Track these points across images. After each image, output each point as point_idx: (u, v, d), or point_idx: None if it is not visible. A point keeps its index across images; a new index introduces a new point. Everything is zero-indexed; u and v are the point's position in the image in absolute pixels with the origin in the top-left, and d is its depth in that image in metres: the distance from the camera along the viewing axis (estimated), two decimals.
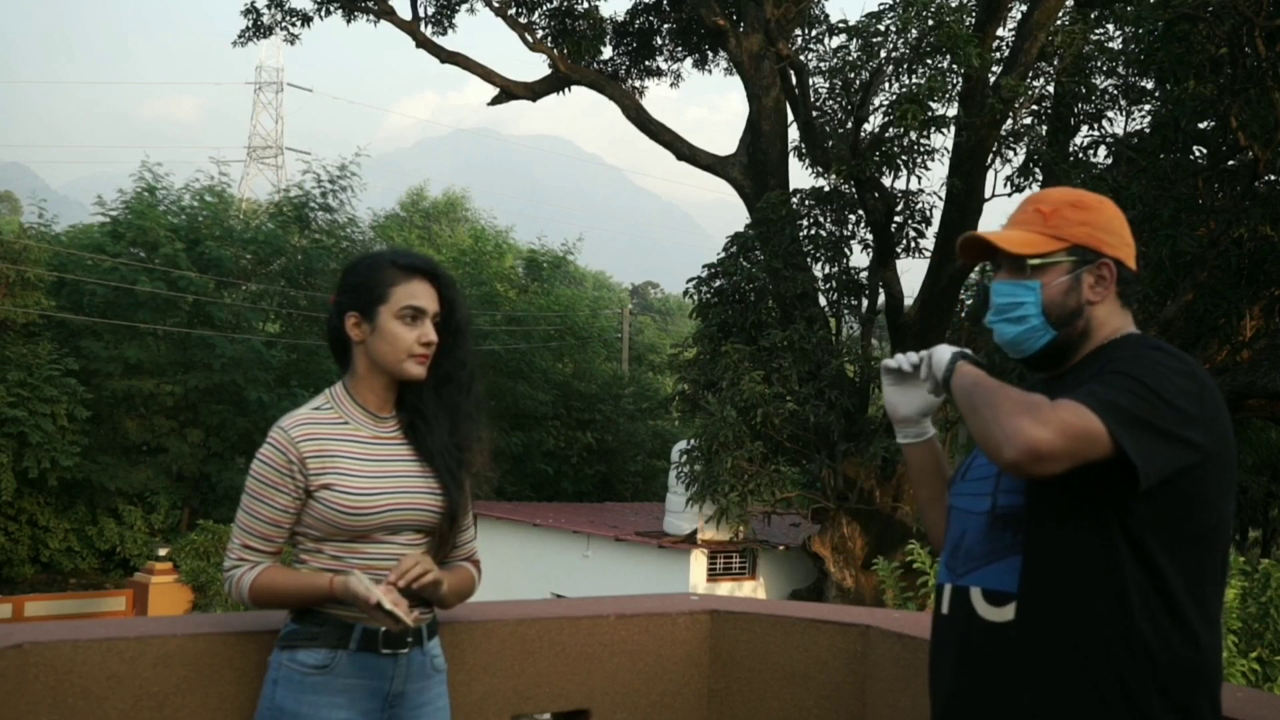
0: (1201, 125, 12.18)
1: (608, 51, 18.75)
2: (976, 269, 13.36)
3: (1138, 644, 1.67)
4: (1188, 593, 1.70)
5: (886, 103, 13.56)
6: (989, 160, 14.90)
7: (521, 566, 18.22)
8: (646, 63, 19.16)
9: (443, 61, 18.32)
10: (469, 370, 2.44)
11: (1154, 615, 1.68)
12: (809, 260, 15.45)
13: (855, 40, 13.72)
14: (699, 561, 16.22)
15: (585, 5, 18.12)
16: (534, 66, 24.10)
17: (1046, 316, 1.85)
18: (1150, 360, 1.71)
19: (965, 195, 14.51)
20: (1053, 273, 1.85)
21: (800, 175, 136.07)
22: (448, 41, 18.82)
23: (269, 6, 18.60)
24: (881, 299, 15.43)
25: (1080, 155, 14.17)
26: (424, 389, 2.39)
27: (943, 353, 1.93)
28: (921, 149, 13.58)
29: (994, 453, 1.65)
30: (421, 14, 18.41)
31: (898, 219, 14.75)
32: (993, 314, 1.91)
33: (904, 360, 2.05)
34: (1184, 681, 1.69)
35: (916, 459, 2.12)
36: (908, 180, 14.34)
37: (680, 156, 17.34)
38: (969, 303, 15.32)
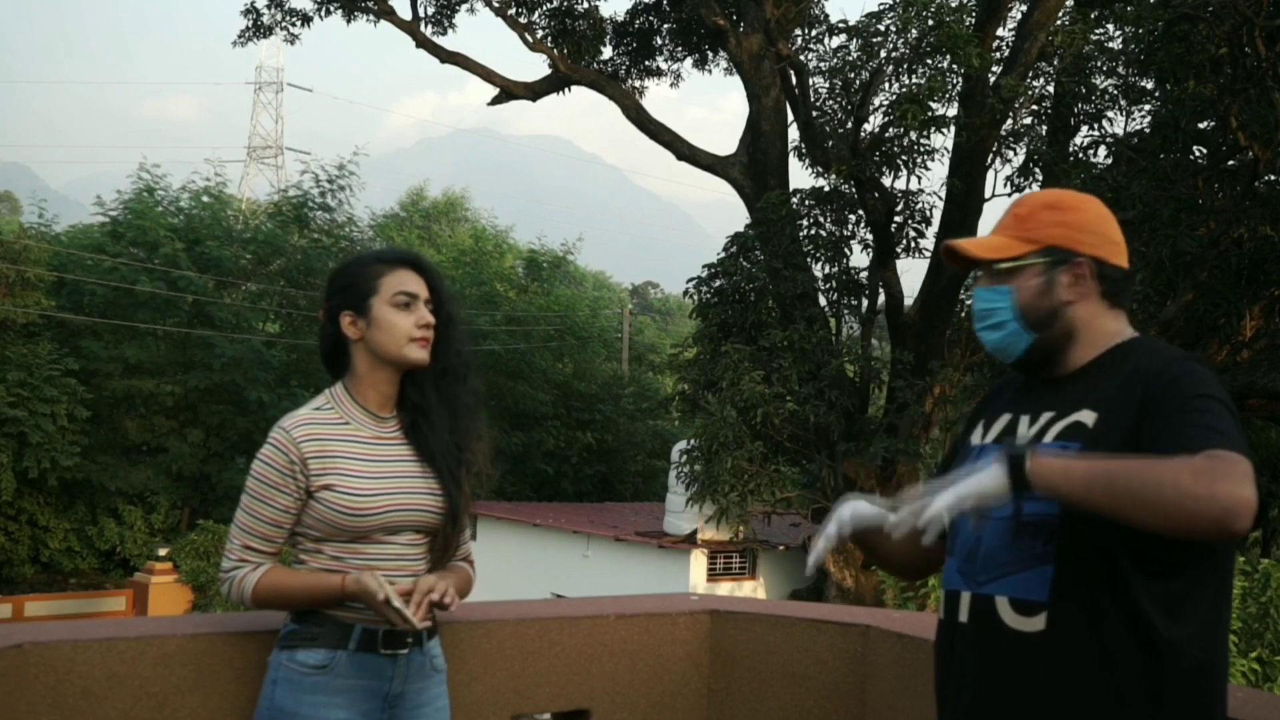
0: (1201, 125, 12.19)
1: (608, 51, 18.77)
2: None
3: (1164, 650, 1.67)
4: (1206, 597, 1.71)
5: (886, 103, 13.57)
6: (989, 160, 14.91)
7: (521, 566, 18.23)
8: (646, 63, 19.17)
9: (443, 61, 18.34)
10: (464, 360, 2.45)
11: (1179, 622, 1.68)
12: (809, 260, 15.46)
13: (855, 40, 13.73)
14: (699, 561, 16.23)
15: (585, 5, 18.14)
16: (534, 66, 24.11)
17: (1023, 320, 1.83)
18: (1205, 376, 1.69)
19: (965, 195, 14.52)
20: (1025, 275, 1.83)
21: (800, 175, 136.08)
22: (448, 41, 18.86)
23: (269, 6, 18.63)
24: (881, 299, 15.43)
25: (1080, 155, 14.18)
26: (425, 383, 2.39)
27: (982, 473, 1.66)
28: (921, 149, 13.59)
29: (1213, 527, 1.53)
30: (421, 14, 18.43)
31: (898, 219, 14.76)
32: (977, 322, 1.90)
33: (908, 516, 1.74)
34: (1204, 684, 1.70)
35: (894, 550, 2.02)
36: (908, 180, 14.38)
37: (680, 156, 17.35)
38: (969, 303, 15.33)
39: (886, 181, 14.32)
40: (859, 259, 15.71)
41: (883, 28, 13.31)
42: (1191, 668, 1.68)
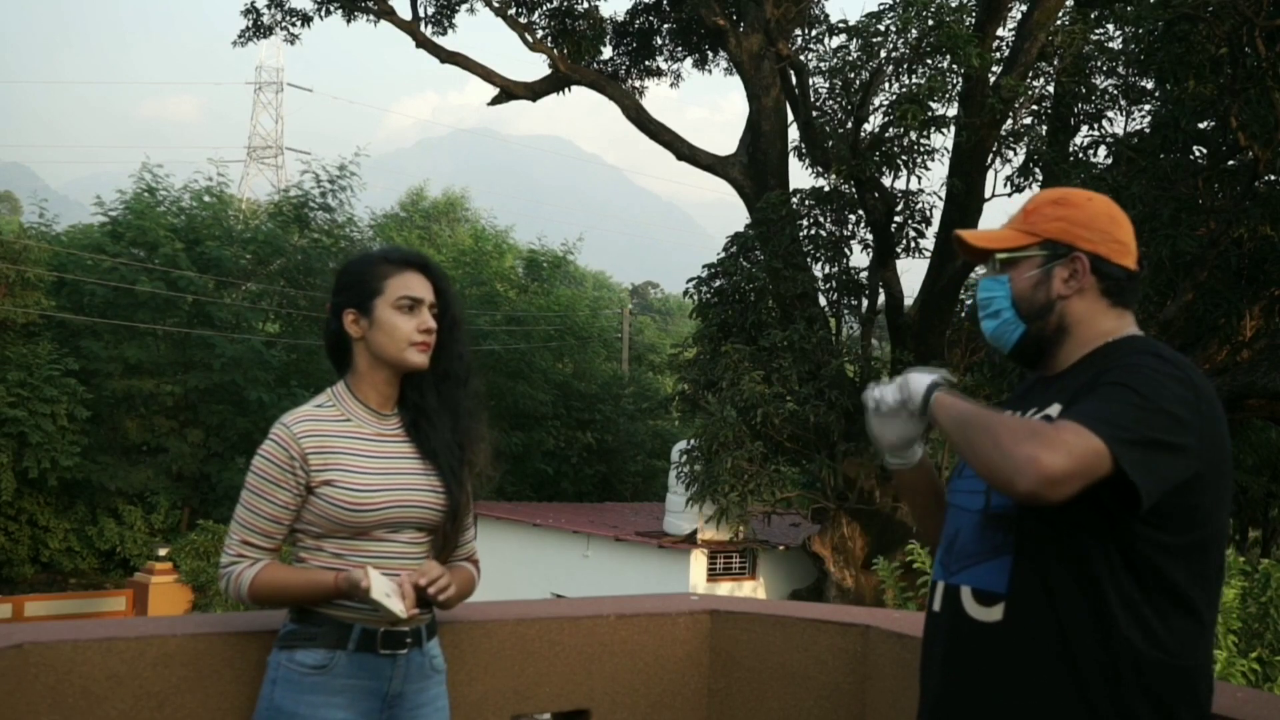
0: (1201, 125, 12.19)
1: (608, 51, 18.76)
2: (976, 269, 13.36)
3: (1125, 649, 1.65)
4: (1180, 600, 1.69)
5: (886, 103, 13.56)
6: (989, 160, 14.89)
7: (521, 566, 18.21)
8: (646, 63, 19.16)
9: (443, 61, 18.32)
10: (466, 363, 2.45)
11: (1144, 622, 1.66)
12: (809, 260, 15.45)
13: (855, 40, 13.72)
14: (699, 561, 16.22)
15: (585, 5, 18.13)
16: (534, 66, 24.08)
17: (1016, 310, 1.88)
18: (1145, 368, 1.68)
19: (965, 195, 14.51)
20: (1023, 267, 1.88)
21: (800, 175, 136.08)
22: (448, 41, 18.84)
23: (269, 6, 18.61)
24: (881, 299, 15.42)
25: (1080, 155, 14.17)
26: (425, 385, 2.39)
27: (918, 381, 1.87)
28: (921, 149, 13.58)
29: (1005, 485, 1.59)
30: (421, 14, 18.41)
31: (898, 219, 14.75)
32: (979, 310, 1.96)
33: (881, 397, 1.96)
34: (1171, 687, 1.68)
35: (908, 481, 2.06)
36: (908, 180, 14.36)
37: (680, 156, 17.34)
38: (969, 303, 15.32)
39: (886, 181, 14.31)
40: (859, 259, 15.71)
41: (883, 28, 13.30)
42: (1157, 669, 1.66)
